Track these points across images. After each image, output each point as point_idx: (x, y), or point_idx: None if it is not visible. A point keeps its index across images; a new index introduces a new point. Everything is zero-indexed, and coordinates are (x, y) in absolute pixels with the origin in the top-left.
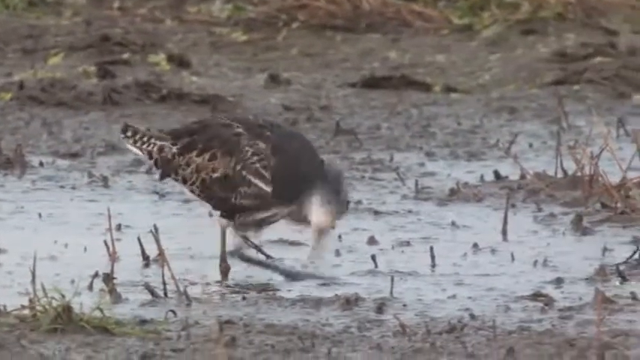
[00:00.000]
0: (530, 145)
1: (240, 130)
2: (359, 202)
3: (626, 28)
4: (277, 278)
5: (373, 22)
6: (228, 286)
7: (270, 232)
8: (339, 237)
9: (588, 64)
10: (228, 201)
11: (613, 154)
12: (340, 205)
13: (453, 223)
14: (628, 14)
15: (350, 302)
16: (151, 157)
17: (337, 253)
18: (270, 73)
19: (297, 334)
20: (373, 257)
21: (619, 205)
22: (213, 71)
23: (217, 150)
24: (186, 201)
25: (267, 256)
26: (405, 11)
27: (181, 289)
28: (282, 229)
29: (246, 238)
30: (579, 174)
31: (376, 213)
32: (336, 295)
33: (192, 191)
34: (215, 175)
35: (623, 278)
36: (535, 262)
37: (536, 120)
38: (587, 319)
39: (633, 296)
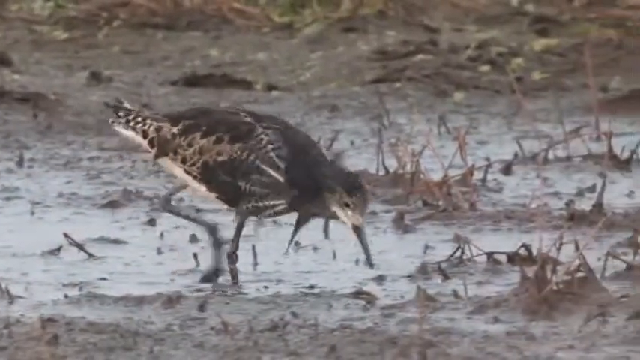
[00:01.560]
0: (352, 143)
1: (249, 119)
2: (180, 199)
3: (446, 26)
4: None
5: (194, 19)
6: (50, 284)
7: (91, 230)
8: (161, 235)
9: (409, 61)
10: (233, 186)
11: (434, 152)
12: (361, 194)
13: (275, 222)
14: (448, 12)
15: (172, 300)
16: (145, 137)
17: (159, 251)
18: (92, 70)
19: (120, 332)
20: (195, 255)
21: (440, 203)
22: (34, 69)
23: (224, 134)
24: (8, 199)
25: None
26: (226, 9)
27: (3, 286)
28: (105, 227)
29: (176, 191)
30: (401, 172)
31: (198, 210)
32: (158, 293)
33: (188, 172)
34: (220, 158)
35: (445, 276)
36: (357, 260)
37: (358, 117)
38: (409, 317)
39: (455, 294)
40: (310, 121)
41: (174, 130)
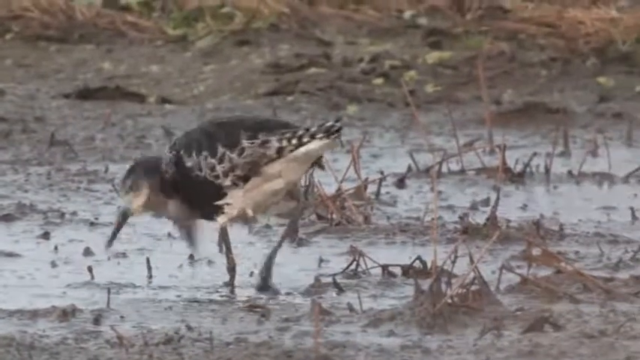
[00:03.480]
0: None
1: None
2: (74, 213)
3: (339, 39)
4: None
5: (87, 32)
6: None
7: None
8: (55, 248)
9: (302, 74)
10: None
11: (328, 165)
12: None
13: (169, 235)
14: (341, 25)
15: (67, 314)
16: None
17: (53, 264)
18: None
19: (15, 346)
20: (89, 268)
21: (335, 216)
22: None
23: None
24: None
25: None
26: (119, 22)
27: None
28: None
29: None
30: None
31: (92, 224)
32: (53, 306)
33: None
34: None
35: (340, 289)
36: (251, 273)
37: None
38: (305, 330)
39: (350, 307)
40: None
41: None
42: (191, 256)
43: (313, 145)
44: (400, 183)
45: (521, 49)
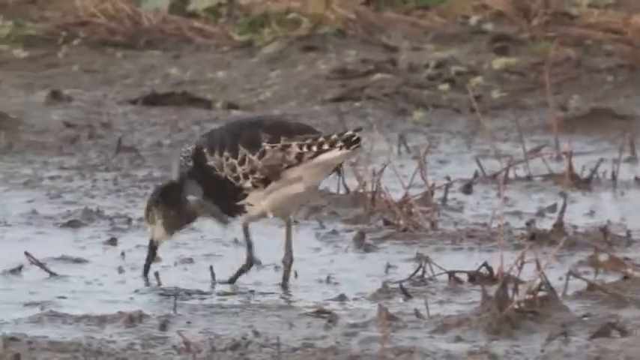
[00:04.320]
0: None
1: None
2: (141, 219)
3: (405, 45)
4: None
5: (154, 38)
6: (11, 303)
7: (52, 249)
8: (122, 254)
9: (369, 80)
10: None
11: (395, 171)
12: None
13: (236, 241)
14: (407, 31)
15: (134, 319)
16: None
17: (120, 270)
18: (52, 89)
19: (82, 352)
20: (156, 274)
21: (401, 222)
22: None
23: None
24: None
25: None
26: (186, 28)
27: None
28: (66, 246)
29: None
30: (361, 191)
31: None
32: (120, 312)
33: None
34: None
35: (407, 295)
36: (319, 280)
37: None
38: (371, 336)
39: (417, 313)
40: None
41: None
42: (259, 262)
43: (332, 154)
44: (467, 189)
45: (588, 55)
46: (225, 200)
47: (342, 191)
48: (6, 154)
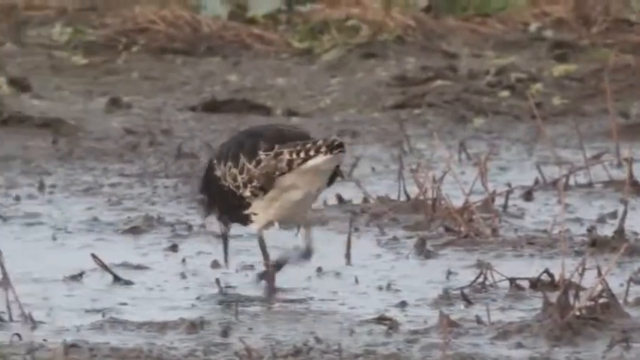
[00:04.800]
0: (373, 169)
1: None
2: (202, 225)
3: (465, 52)
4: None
5: (213, 45)
6: (72, 310)
7: (114, 256)
8: (183, 260)
9: (429, 87)
10: None
11: (455, 178)
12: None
13: (297, 247)
14: (467, 38)
15: (195, 326)
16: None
17: (181, 276)
18: (111, 96)
19: (143, 358)
20: (217, 281)
21: (462, 228)
22: (54, 95)
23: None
24: (29, 224)
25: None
26: (245, 34)
27: (26, 312)
28: (127, 253)
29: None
30: (422, 197)
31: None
32: (181, 318)
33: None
34: None
35: (468, 302)
36: (379, 286)
37: (378, 143)
38: (433, 342)
39: (478, 319)
40: None
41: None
42: (319, 269)
43: (317, 160)
44: (527, 195)
45: None
46: (233, 210)
47: (402, 198)
48: (66, 161)
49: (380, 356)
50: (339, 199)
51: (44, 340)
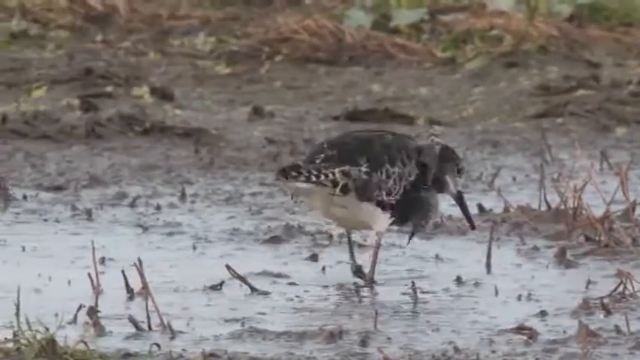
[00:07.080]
0: (514, 179)
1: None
2: (342, 235)
3: (608, 61)
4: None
5: (356, 54)
6: (212, 319)
7: (253, 265)
8: (323, 269)
9: (571, 97)
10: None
11: (596, 188)
12: None
13: (437, 256)
14: (610, 47)
15: (334, 336)
16: (335, 184)
17: (321, 286)
18: (254, 106)
19: None
20: (357, 290)
21: (603, 238)
22: (196, 104)
23: (402, 156)
24: (170, 234)
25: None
26: (388, 44)
27: (165, 322)
28: (267, 262)
29: None
30: (563, 207)
31: (360, 246)
32: (320, 328)
33: (386, 203)
34: (411, 178)
35: (607, 311)
36: (519, 296)
37: (520, 153)
38: (572, 352)
39: (617, 329)
40: (472, 156)
41: (363, 168)
42: (458, 278)
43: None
44: None
45: None
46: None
47: (543, 207)
48: (208, 171)
49: None
50: (480, 208)
51: (183, 349)
